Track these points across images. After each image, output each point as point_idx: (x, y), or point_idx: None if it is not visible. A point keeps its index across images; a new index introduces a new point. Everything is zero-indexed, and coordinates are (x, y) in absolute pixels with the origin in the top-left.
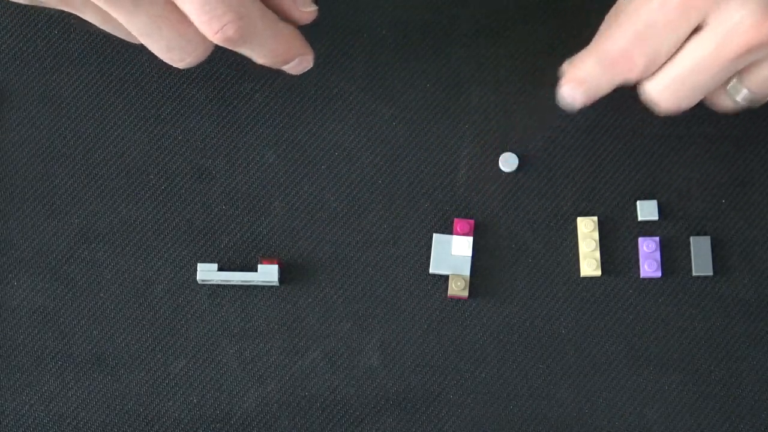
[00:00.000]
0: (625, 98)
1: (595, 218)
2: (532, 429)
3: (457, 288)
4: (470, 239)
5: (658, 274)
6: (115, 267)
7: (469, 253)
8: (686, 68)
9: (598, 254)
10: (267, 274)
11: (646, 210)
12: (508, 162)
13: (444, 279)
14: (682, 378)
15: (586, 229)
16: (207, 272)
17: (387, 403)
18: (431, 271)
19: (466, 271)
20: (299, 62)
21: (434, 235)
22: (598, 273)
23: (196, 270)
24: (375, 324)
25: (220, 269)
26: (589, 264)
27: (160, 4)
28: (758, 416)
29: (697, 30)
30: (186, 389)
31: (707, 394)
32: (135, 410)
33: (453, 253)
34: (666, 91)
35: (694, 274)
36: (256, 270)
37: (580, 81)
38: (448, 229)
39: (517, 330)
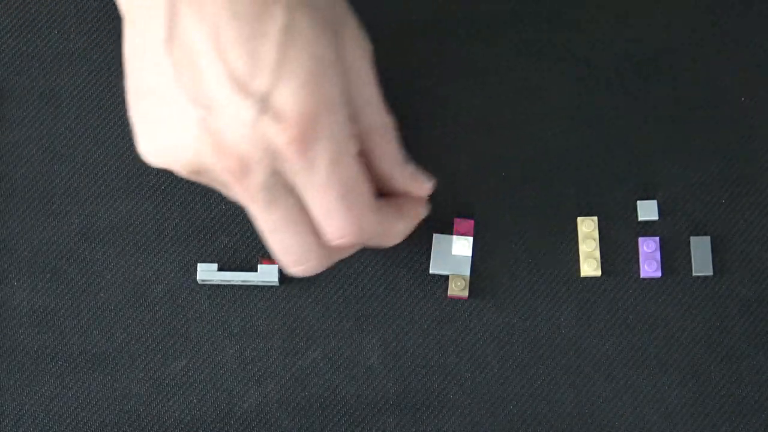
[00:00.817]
0: (625, 97)
1: (595, 218)
2: (532, 429)
3: (457, 288)
4: (470, 239)
5: (658, 274)
6: (115, 267)
7: (469, 253)
8: None
9: (598, 254)
10: (267, 274)
11: (646, 210)
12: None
13: (444, 279)
14: (682, 378)
15: (586, 229)
16: (207, 272)
17: (387, 403)
18: (431, 271)
19: (466, 271)
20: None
21: (434, 235)
22: (598, 273)
23: (196, 270)
24: (375, 324)
25: (220, 269)
26: (589, 264)
27: (291, 207)
28: (758, 416)
29: None
30: (186, 389)
31: (707, 394)
32: (135, 410)
33: (453, 253)
34: None
35: (694, 274)
36: (256, 270)
37: None
38: (448, 229)
39: (517, 330)
